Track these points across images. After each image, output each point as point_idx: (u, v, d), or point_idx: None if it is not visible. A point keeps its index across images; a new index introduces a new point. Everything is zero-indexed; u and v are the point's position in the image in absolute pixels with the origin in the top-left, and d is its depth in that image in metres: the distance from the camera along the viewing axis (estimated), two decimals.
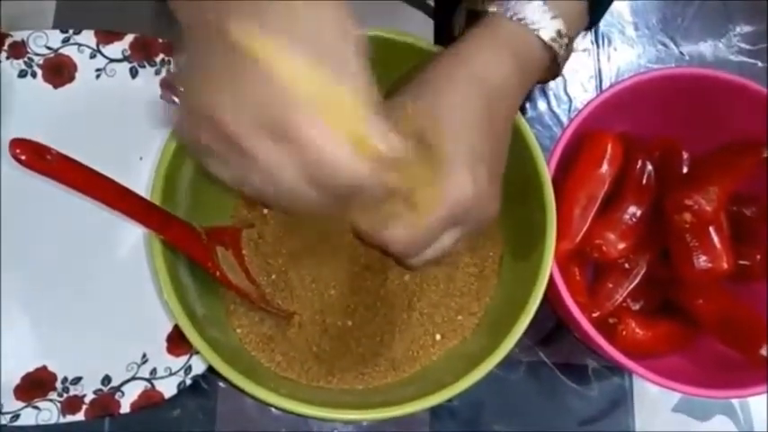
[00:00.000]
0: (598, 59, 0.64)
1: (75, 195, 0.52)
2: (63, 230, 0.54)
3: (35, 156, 0.35)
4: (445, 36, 0.62)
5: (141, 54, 0.57)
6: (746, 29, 0.67)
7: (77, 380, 0.51)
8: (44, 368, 0.51)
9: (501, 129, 0.41)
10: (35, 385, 0.51)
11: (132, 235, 0.54)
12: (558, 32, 0.41)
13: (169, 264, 0.43)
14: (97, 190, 0.38)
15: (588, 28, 0.46)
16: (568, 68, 0.63)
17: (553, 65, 0.43)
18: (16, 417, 0.49)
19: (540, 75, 0.44)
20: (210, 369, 0.50)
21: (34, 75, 0.56)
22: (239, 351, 0.48)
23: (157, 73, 0.56)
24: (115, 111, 0.56)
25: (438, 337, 0.50)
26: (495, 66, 0.40)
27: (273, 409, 0.53)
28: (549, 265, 0.44)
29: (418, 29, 0.62)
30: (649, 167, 0.54)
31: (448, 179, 0.37)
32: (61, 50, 0.56)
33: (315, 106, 0.30)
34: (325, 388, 0.48)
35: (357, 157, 0.31)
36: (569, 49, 0.43)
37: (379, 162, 0.32)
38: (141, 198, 0.41)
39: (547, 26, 0.41)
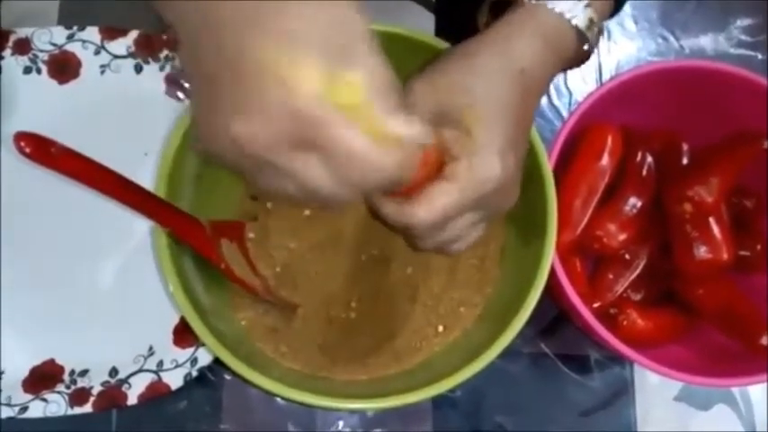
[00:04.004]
0: (598, 53, 0.65)
1: (81, 188, 0.52)
2: (69, 223, 0.55)
3: (40, 149, 0.35)
4: (447, 30, 0.62)
5: (146, 50, 0.57)
6: (746, 21, 0.67)
7: (85, 372, 0.51)
8: (52, 361, 0.52)
9: (530, 117, 0.41)
10: (43, 378, 0.51)
11: (138, 228, 0.54)
12: (591, 20, 0.41)
13: (174, 256, 0.44)
14: (102, 183, 0.38)
15: (611, 16, 0.45)
16: None
17: (583, 53, 0.43)
18: (24, 409, 0.50)
19: (568, 63, 0.44)
20: (216, 361, 0.50)
21: (39, 71, 0.57)
22: (244, 342, 0.48)
23: (162, 69, 0.57)
24: (120, 107, 0.57)
25: (440, 328, 0.51)
26: (531, 54, 0.40)
27: (279, 401, 0.54)
28: (550, 257, 0.45)
29: (419, 23, 0.63)
30: (649, 159, 0.54)
31: (479, 161, 0.37)
32: (66, 47, 0.57)
33: (334, 112, 0.29)
34: (329, 378, 0.48)
35: (385, 153, 0.30)
36: (599, 37, 0.43)
37: (408, 152, 0.31)
38: (146, 191, 0.41)
39: (580, 14, 0.40)
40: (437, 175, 0.37)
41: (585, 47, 0.43)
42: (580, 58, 0.44)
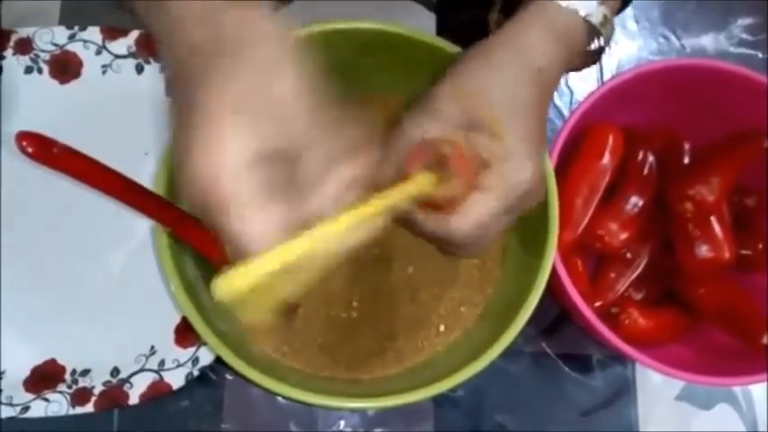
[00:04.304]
0: None
1: (82, 188, 0.52)
2: (70, 223, 0.55)
3: (42, 148, 0.35)
4: (448, 30, 0.62)
5: (147, 50, 0.57)
6: (747, 20, 0.67)
7: (86, 372, 0.51)
8: (53, 361, 0.52)
9: (545, 113, 0.41)
10: (44, 378, 0.51)
11: (139, 228, 0.54)
12: (605, 17, 0.41)
13: (175, 256, 0.44)
14: (103, 182, 0.38)
15: (617, 12, 0.45)
16: None
17: (595, 52, 0.43)
18: (26, 409, 0.50)
19: (579, 62, 0.44)
20: (218, 360, 0.50)
21: (40, 71, 0.57)
22: (246, 342, 0.48)
23: (163, 69, 0.57)
24: (121, 106, 0.57)
25: (441, 328, 0.51)
26: (546, 52, 0.40)
27: (280, 401, 0.54)
28: (551, 257, 0.45)
29: (420, 23, 0.63)
30: (651, 158, 0.54)
31: (510, 167, 0.37)
32: (67, 47, 0.57)
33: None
34: (330, 378, 0.48)
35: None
36: (611, 34, 0.43)
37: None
38: (147, 190, 0.41)
39: (594, 12, 0.41)
40: (473, 183, 0.37)
41: (598, 43, 0.42)
42: (592, 57, 0.44)
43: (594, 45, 0.42)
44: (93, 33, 0.57)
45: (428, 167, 0.37)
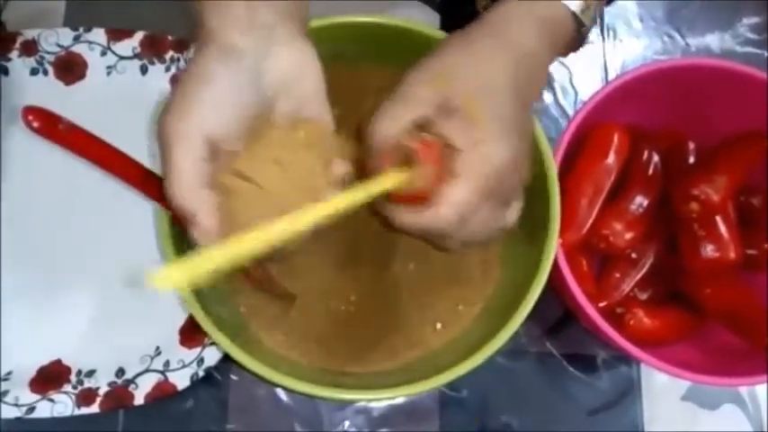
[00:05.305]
0: (604, 51, 0.65)
1: (87, 190, 0.52)
2: (75, 225, 0.55)
3: (47, 123, 0.35)
4: (452, 29, 0.62)
5: (151, 51, 0.57)
6: (753, 19, 0.67)
7: (91, 372, 0.51)
8: (58, 361, 0.52)
9: (529, 98, 0.41)
10: (50, 378, 0.51)
11: (145, 230, 0.54)
12: (585, 4, 0.41)
13: (176, 239, 0.44)
14: (107, 159, 0.39)
15: (608, 3, 0.45)
16: (574, 60, 0.63)
17: (578, 37, 0.44)
18: (32, 409, 0.50)
19: (565, 48, 0.44)
20: (223, 359, 0.51)
21: (46, 72, 0.57)
22: (243, 329, 0.48)
23: (167, 70, 0.57)
24: (126, 108, 0.57)
25: (438, 326, 0.50)
26: (527, 36, 0.40)
27: (285, 401, 0.54)
28: (551, 257, 0.45)
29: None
30: (656, 158, 0.54)
31: (486, 149, 0.37)
32: (72, 48, 0.57)
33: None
34: (325, 370, 0.48)
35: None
36: (594, 21, 0.43)
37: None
38: (149, 170, 0.41)
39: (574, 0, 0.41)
40: (445, 171, 0.37)
41: (581, 30, 0.43)
42: (577, 43, 0.44)
43: (579, 31, 0.43)
44: (98, 35, 0.57)
45: (400, 164, 0.37)
